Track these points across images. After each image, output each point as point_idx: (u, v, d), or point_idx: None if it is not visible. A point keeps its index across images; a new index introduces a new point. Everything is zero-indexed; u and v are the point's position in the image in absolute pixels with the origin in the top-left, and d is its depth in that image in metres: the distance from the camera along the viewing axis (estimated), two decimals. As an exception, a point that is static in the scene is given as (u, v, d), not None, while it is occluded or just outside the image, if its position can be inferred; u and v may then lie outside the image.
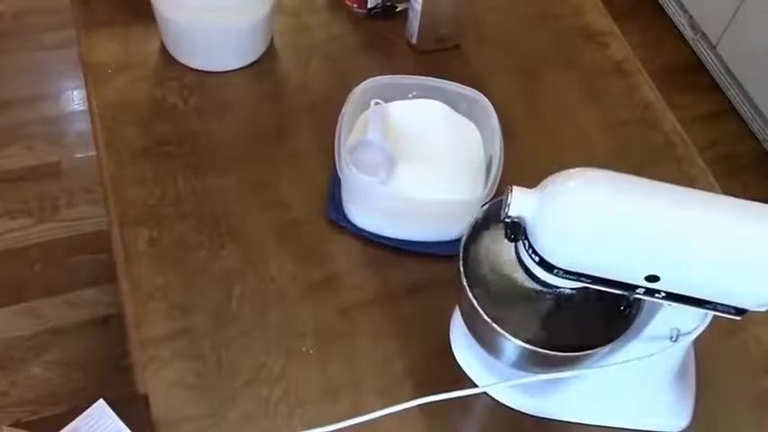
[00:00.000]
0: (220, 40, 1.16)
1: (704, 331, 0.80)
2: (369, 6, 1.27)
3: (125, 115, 1.12)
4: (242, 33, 1.17)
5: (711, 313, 0.77)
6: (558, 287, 0.77)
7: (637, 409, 0.93)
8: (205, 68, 1.17)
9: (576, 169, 0.72)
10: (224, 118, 1.14)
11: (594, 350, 0.80)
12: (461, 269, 0.82)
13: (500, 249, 0.84)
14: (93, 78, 1.15)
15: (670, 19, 2.61)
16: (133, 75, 1.16)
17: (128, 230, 1.01)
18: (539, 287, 0.78)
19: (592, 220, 0.69)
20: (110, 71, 1.16)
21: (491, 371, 0.93)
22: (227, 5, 1.14)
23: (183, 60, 1.18)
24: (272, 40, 1.23)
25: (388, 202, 1.01)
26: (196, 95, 1.15)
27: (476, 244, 0.84)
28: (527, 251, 0.73)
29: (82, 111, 2.12)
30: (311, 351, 0.95)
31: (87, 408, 0.85)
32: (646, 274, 0.71)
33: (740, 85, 2.35)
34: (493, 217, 0.84)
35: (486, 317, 0.80)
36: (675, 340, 0.80)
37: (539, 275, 0.75)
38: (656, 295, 0.74)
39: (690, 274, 0.71)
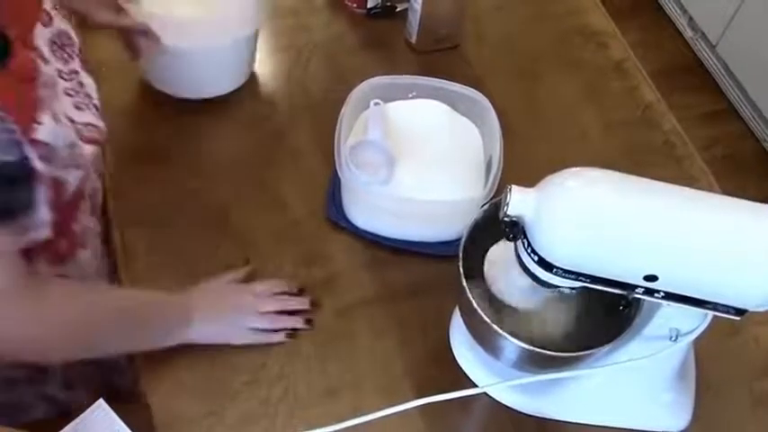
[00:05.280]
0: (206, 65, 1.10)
1: (704, 331, 0.80)
2: (368, 6, 1.27)
3: (125, 115, 1.12)
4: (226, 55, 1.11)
5: (711, 313, 0.77)
6: (557, 287, 0.77)
7: (637, 409, 0.92)
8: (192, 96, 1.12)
9: (575, 169, 0.72)
10: (224, 118, 1.14)
11: (594, 350, 0.80)
12: (461, 269, 0.82)
13: (500, 249, 0.84)
14: (92, 78, 1.15)
15: (670, 19, 2.61)
16: (133, 75, 1.16)
17: (128, 231, 1.01)
18: (538, 287, 0.78)
19: (590, 220, 0.69)
20: (104, 69, 1.15)
21: (491, 371, 0.93)
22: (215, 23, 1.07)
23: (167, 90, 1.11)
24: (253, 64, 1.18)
25: (387, 202, 1.01)
26: (196, 95, 1.15)
27: (476, 244, 0.84)
28: (526, 250, 0.73)
29: (82, 111, 2.11)
30: (311, 351, 0.95)
31: (87, 408, 0.85)
32: (645, 274, 0.71)
33: (740, 85, 2.35)
34: (492, 217, 0.84)
35: (485, 317, 0.80)
36: (675, 340, 0.80)
37: (538, 275, 0.75)
38: (656, 295, 0.74)
39: (689, 274, 0.71)
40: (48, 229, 0.73)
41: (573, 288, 0.77)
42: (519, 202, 0.72)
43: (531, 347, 0.79)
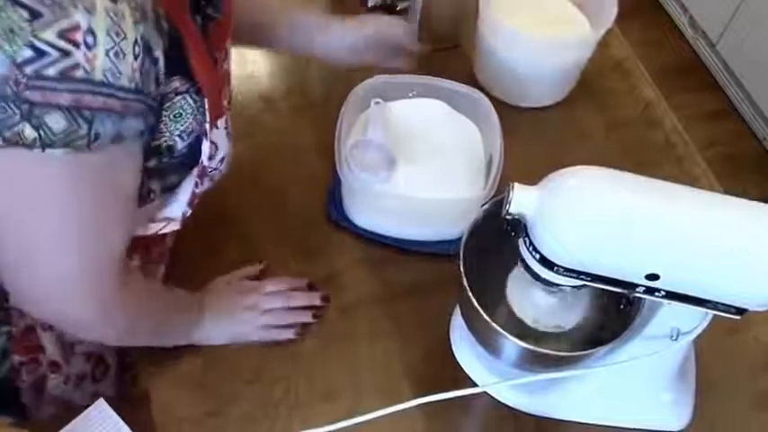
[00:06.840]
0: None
1: (704, 331, 0.80)
2: (369, 5, 1.27)
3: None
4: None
5: (711, 312, 0.76)
6: (558, 285, 0.76)
7: (637, 408, 0.92)
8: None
9: (577, 167, 0.72)
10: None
11: (594, 350, 0.80)
12: (461, 269, 0.82)
13: (500, 248, 0.84)
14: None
15: (670, 18, 2.61)
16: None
17: (128, 230, 1.01)
18: (540, 285, 0.78)
19: (592, 218, 0.69)
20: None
21: (491, 370, 0.93)
22: None
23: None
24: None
25: (388, 201, 1.01)
26: (196, 95, 1.15)
27: (476, 243, 0.84)
28: (528, 249, 0.73)
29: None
30: (311, 351, 0.95)
31: (87, 408, 0.85)
32: (646, 273, 0.71)
33: (740, 85, 2.35)
34: (493, 216, 0.84)
35: (486, 317, 0.80)
36: (675, 339, 0.80)
37: (539, 273, 0.75)
38: (657, 294, 0.74)
39: (690, 273, 0.71)
40: (179, 223, 0.82)
41: (575, 287, 0.77)
42: (521, 199, 0.72)
43: (532, 347, 0.79)
